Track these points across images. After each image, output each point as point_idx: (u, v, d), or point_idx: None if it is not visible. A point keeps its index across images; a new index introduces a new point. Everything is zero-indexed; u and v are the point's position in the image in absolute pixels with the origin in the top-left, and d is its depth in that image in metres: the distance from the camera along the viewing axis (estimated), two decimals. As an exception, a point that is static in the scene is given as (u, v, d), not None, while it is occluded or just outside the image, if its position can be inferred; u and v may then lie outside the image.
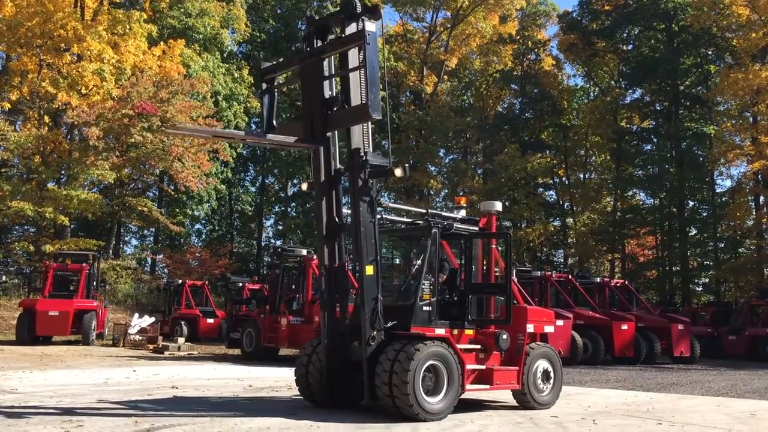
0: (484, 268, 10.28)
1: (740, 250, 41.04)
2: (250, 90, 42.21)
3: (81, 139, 31.76)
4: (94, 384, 12.34)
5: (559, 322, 20.21)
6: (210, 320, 27.86)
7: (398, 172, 8.99)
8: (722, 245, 41.36)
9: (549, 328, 10.71)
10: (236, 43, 45.40)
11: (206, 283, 31.34)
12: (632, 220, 43.60)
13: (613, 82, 47.67)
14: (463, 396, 9.41)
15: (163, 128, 27.59)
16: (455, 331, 9.54)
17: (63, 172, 31.66)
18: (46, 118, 31.27)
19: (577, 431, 8.33)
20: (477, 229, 10.37)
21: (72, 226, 32.33)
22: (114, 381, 12.94)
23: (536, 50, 49.05)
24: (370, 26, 8.65)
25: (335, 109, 9.26)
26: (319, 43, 9.51)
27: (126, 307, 32.67)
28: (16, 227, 36.42)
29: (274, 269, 21.18)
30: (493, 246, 10.42)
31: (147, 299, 34.76)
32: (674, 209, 42.10)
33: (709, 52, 42.43)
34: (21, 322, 22.81)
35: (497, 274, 10.48)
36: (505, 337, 9.70)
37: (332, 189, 9.43)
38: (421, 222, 10.14)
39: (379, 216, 9.48)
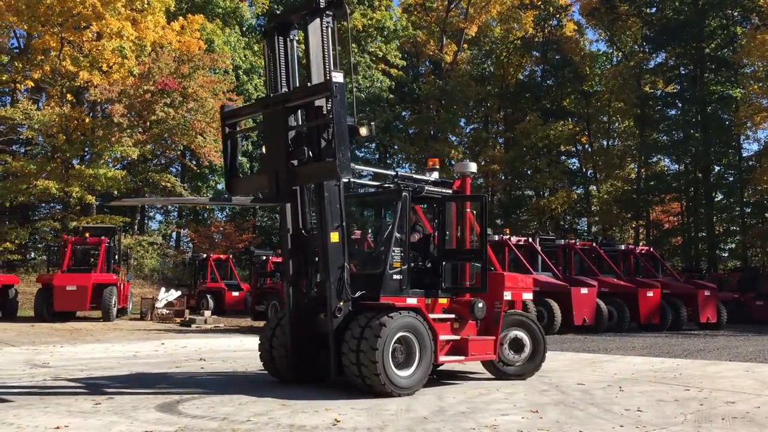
0: (458, 233, 9.71)
1: (767, 214, 40.49)
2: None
3: (104, 116, 31.95)
4: (124, 357, 12.54)
5: (584, 290, 20.20)
6: (235, 293, 28.14)
7: (363, 131, 8.29)
8: (749, 210, 40.78)
9: (527, 295, 10.31)
10: (255, 16, 45.20)
11: (230, 256, 31.60)
12: (657, 187, 43.11)
13: (636, 47, 46.82)
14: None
15: (113, 202, 28.15)
16: (428, 301, 9.05)
17: (87, 149, 31.93)
18: (69, 96, 31.46)
19: (603, 398, 8.32)
20: (450, 191, 9.74)
21: (97, 203, 32.67)
22: (143, 354, 13.15)
23: (558, 16, 48.22)
24: (338, 77, 7.83)
25: (303, 161, 8.35)
26: (281, 40, 8.83)
27: (152, 282, 33.08)
28: (43, 204, 36.85)
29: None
30: (468, 210, 9.79)
31: (173, 273, 35.16)
32: (700, 174, 41.53)
33: (735, 14, 41.45)
34: (39, 297, 22.39)
35: (472, 239, 9.91)
36: (480, 305, 9.20)
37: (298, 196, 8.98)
38: (390, 185, 9.53)
39: (346, 180, 8.89)
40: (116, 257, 25.35)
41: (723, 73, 41.67)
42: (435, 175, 9.84)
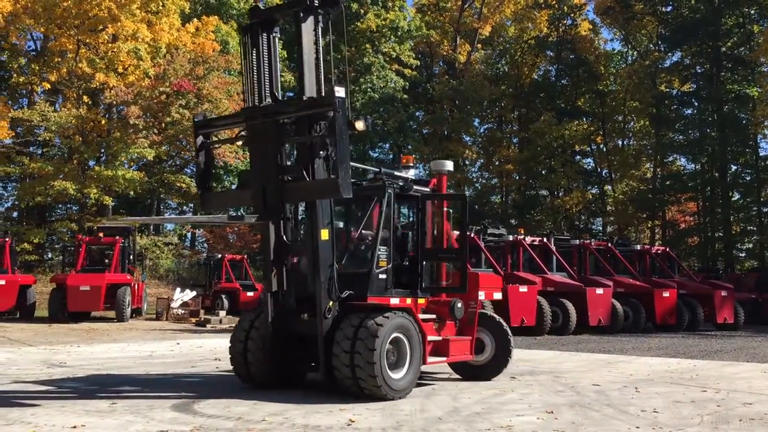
0: (435, 232, 9.47)
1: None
2: (284, 64, 42.20)
3: (119, 117, 32.19)
4: (140, 357, 12.61)
5: (599, 291, 20.12)
6: (250, 293, 28.17)
7: (359, 125, 7.85)
8: (766, 210, 40.46)
9: (498, 295, 10.29)
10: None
11: (245, 256, 31.69)
12: (673, 186, 42.84)
13: (651, 46, 46.57)
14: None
15: (106, 221, 27.92)
16: (408, 300, 8.85)
17: (103, 151, 32.18)
18: (85, 98, 31.70)
19: (619, 399, 8.28)
20: (429, 190, 9.55)
21: (113, 203, 32.90)
22: (158, 354, 13.21)
23: (572, 15, 48.01)
24: (340, 91, 7.33)
25: (294, 177, 7.96)
26: (264, 37, 8.25)
27: (168, 282, 33.25)
28: (59, 205, 37.16)
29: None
30: (444, 209, 9.59)
31: (188, 274, 35.31)
32: (716, 174, 41.24)
33: (752, 12, 41.13)
34: (53, 298, 22.24)
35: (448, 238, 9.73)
36: (459, 305, 9.14)
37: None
38: (373, 181, 9.21)
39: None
40: (131, 257, 25.37)
41: (739, 71, 41.36)
42: (411, 173, 9.64)
